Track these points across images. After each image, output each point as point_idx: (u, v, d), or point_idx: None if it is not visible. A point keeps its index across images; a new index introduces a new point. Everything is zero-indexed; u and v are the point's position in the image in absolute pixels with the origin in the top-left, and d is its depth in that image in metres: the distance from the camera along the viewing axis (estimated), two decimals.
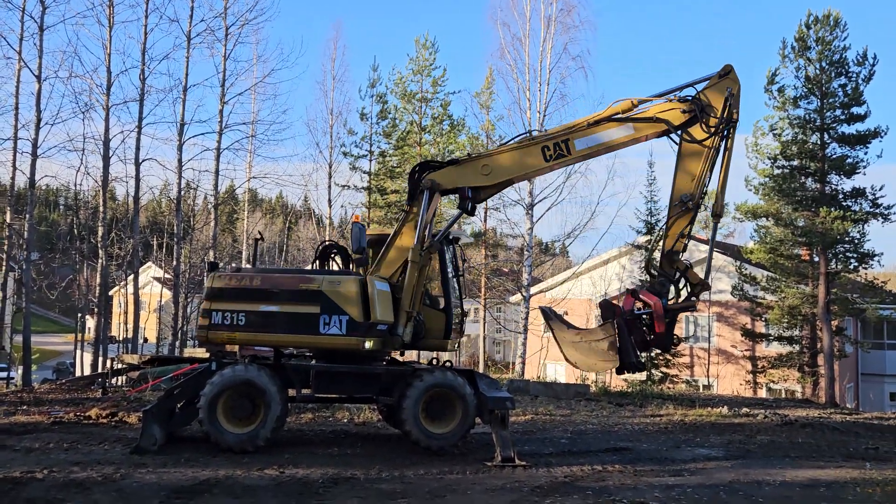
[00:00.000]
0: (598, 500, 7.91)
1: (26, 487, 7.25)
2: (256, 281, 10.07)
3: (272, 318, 9.87)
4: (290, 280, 10.16)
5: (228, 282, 10.12)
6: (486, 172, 10.37)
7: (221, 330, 9.97)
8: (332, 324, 9.78)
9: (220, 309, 9.99)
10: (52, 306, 71.98)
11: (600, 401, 18.43)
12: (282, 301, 9.90)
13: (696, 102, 9.99)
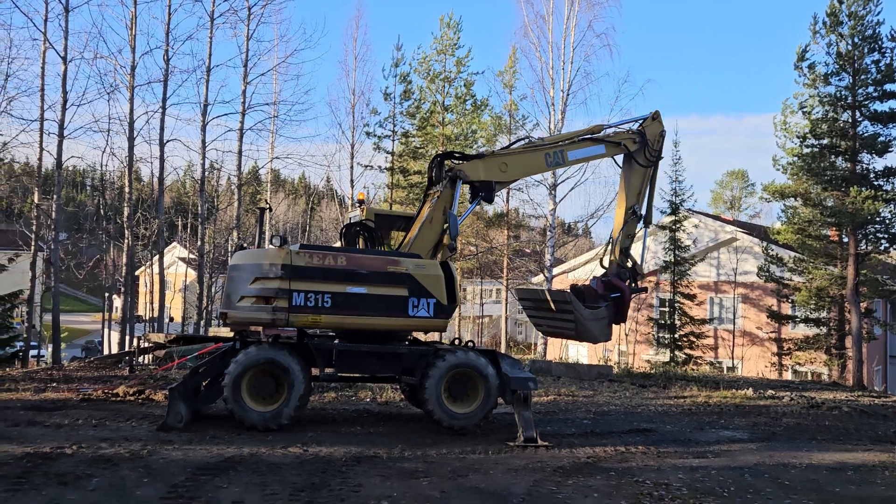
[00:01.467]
0: (622, 480, 7.87)
1: (56, 462, 7.37)
2: (342, 260, 9.86)
3: (360, 300, 9.83)
4: (377, 262, 10.09)
5: (310, 260, 9.73)
6: (504, 170, 11.32)
7: (305, 312, 9.62)
8: (420, 306, 10.12)
9: (302, 289, 9.63)
10: (80, 286, 73.27)
11: (623, 382, 18.34)
12: (370, 283, 9.89)
13: (641, 135, 12.27)
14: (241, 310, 9.75)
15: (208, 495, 6.43)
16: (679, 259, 31.14)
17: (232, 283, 10.11)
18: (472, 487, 7.27)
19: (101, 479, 6.80)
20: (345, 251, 10.24)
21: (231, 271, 10.30)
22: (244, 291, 9.73)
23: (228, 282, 10.40)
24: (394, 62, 33.90)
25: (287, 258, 9.63)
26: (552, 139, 12.09)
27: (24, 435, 8.77)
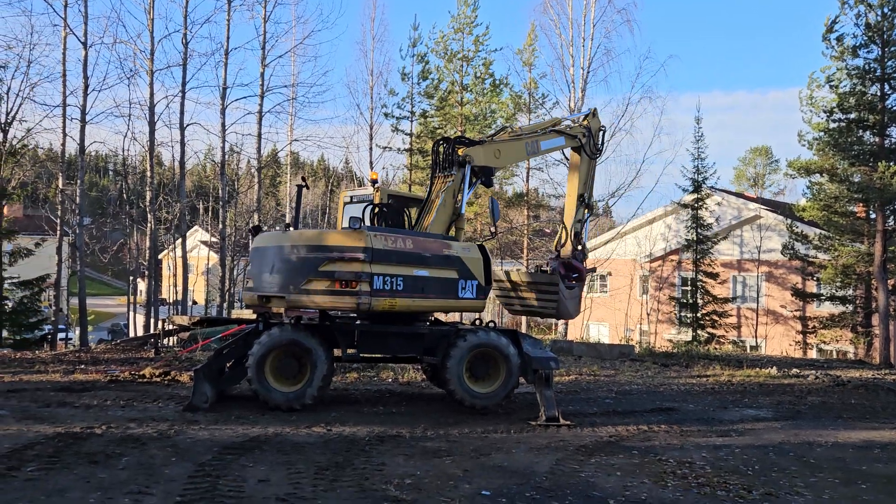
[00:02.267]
0: (644, 459, 7.86)
1: (86, 442, 7.51)
2: (409, 243, 9.87)
3: (425, 282, 9.91)
4: (435, 244, 10.17)
5: (387, 242, 9.60)
6: (497, 156, 11.49)
7: (384, 295, 9.44)
8: (466, 288, 10.30)
9: (381, 273, 9.41)
10: (105, 269, 74.33)
11: (645, 361, 18.29)
12: (431, 266, 9.98)
13: (588, 129, 12.76)
14: (311, 294, 9.44)
15: (235, 474, 6.52)
16: (701, 237, 30.83)
17: (285, 266, 9.66)
18: (494, 466, 7.30)
19: (131, 458, 6.92)
20: (409, 234, 10.23)
21: (279, 253, 9.80)
22: (311, 275, 9.40)
23: (278, 264, 9.79)
24: (411, 42, 33.73)
25: (368, 241, 9.42)
26: (528, 128, 12.44)
27: (54, 415, 8.95)
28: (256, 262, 10.30)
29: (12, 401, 9.92)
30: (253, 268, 10.46)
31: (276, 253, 9.89)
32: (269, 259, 9.96)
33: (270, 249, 10.02)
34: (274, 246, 10.00)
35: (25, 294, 24.24)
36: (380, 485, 6.40)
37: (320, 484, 6.35)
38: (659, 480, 7.02)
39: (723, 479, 7.13)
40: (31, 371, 13.28)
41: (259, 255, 10.25)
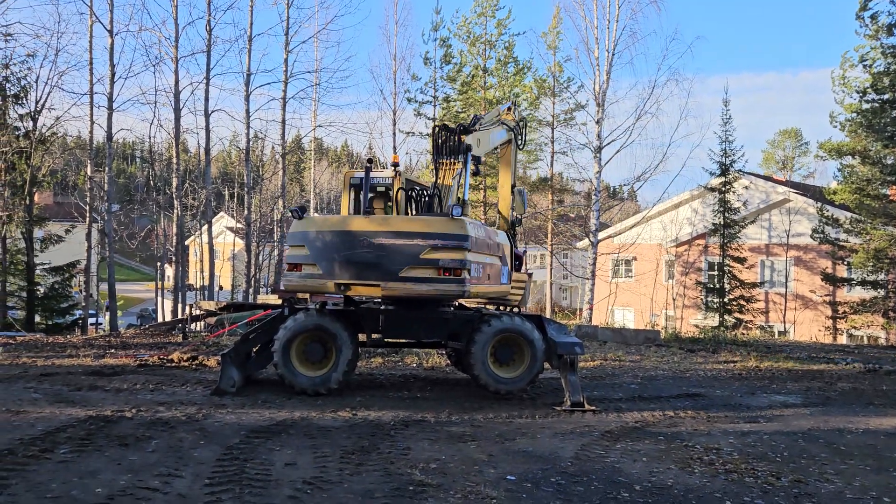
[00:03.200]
0: (671, 445, 7.80)
1: (117, 425, 7.64)
2: (482, 231, 10.04)
3: (491, 269, 10.12)
4: (490, 231, 10.45)
5: (476, 231, 9.63)
6: (478, 145, 11.24)
7: (475, 283, 9.44)
8: (503, 274, 10.60)
9: (474, 260, 9.39)
10: (134, 255, 75.48)
11: (671, 346, 18.15)
12: (491, 253, 10.22)
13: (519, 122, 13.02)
14: (412, 282, 9.23)
15: (262, 457, 6.59)
16: (729, 221, 30.40)
17: (378, 252, 9.31)
18: (519, 451, 7.30)
19: (160, 441, 7.03)
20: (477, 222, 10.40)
21: (366, 239, 9.40)
22: (412, 262, 9.20)
23: (367, 250, 9.39)
24: (433, 26, 33.54)
25: (467, 228, 9.33)
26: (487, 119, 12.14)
27: (86, 399, 9.12)
28: (323, 247, 9.53)
29: (45, 384, 10.12)
30: (318, 252, 9.54)
31: (362, 239, 9.41)
32: (349, 245, 9.41)
33: (351, 235, 9.46)
34: (357, 231, 9.48)
35: (56, 280, 24.74)
36: (405, 469, 6.43)
37: (346, 468, 6.39)
38: (685, 466, 6.97)
39: (750, 466, 7.05)
40: (63, 355, 13.54)
41: (329, 239, 9.54)
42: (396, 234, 9.34)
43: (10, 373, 11.13)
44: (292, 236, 9.87)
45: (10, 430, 7.21)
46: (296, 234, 9.80)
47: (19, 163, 23.17)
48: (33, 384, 10.12)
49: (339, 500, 5.55)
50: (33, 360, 12.68)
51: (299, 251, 9.69)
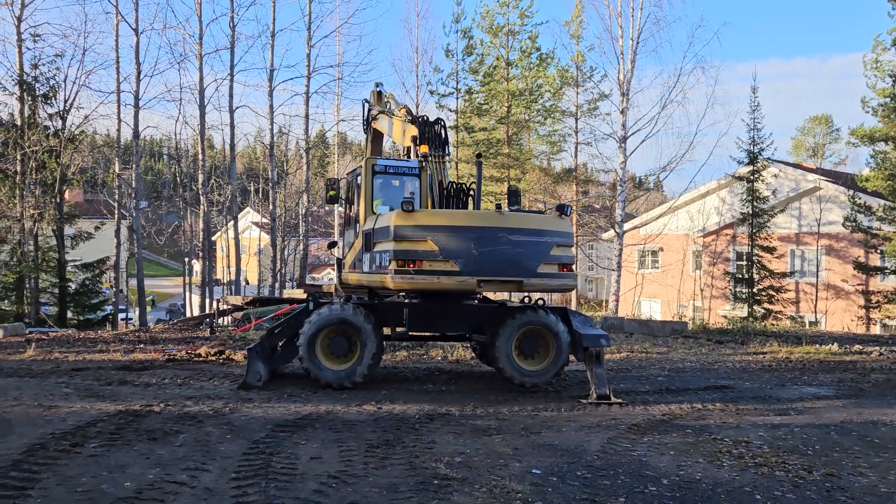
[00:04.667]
0: (699, 438, 7.69)
1: (146, 419, 7.74)
2: None
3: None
4: None
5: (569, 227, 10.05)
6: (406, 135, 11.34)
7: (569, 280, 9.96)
8: None
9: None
10: (162, 251, 76.46)
11: (699, 338, 17.93)
12: None
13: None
14: (543, 278, 9.54)
15: (288, 451, 6.62)
16: (757, 210, 29.92)
17: (517, 249, 9.37)
18: (545, 444, 7.25)
19: (188, 436, 7.10)
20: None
21: (506, 236, 9.37)
22: (544, 259, 9.47)
23: (508, 248, 9.35)
24: (455, 17, 33.42)
25: (564, 224, 9.83)
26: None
27: (116, 393, 9.25)
28: (459, 243, 9.26)
29: (77, 379, 10.29)
30: (453, 248, 9.24)
31: (501, 235, 9.39)
32: (490, 241, 9.31)
33: (490, 231, 9.38)
34: (496, 227, 9.45)
35: (87, 276, 25.15)
36: (430, 463, 6.42)
37: (371, 461, 6.40)
38: (714, 460, 6.87)
39: (781, 459, 6.93)
40: (94, 350, 13.76)
41: (467, 234, 9.32)
42: (531, 232, 9.56)
43: (42, 368, 11.33)
44: (405, 229, 9.20)
45: (43, 425, 7.34)
46: (412, 227, 9.21)
47: (49, 161, 23.57)
48: (65, 379, 10.29)
49: (364, 494, 5.55)
50: (65, 356, 12.91)
51: (420, 246, 9.16)
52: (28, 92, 23.70)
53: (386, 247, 9.41)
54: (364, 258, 10.41)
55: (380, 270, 9.64)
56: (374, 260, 9.95)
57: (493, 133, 34.23)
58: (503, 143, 34.01)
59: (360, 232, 10.74)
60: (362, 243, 10.56)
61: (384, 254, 9.48)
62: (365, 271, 10.37)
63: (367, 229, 10.32)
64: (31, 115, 23.83)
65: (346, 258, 11.56)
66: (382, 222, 9.72)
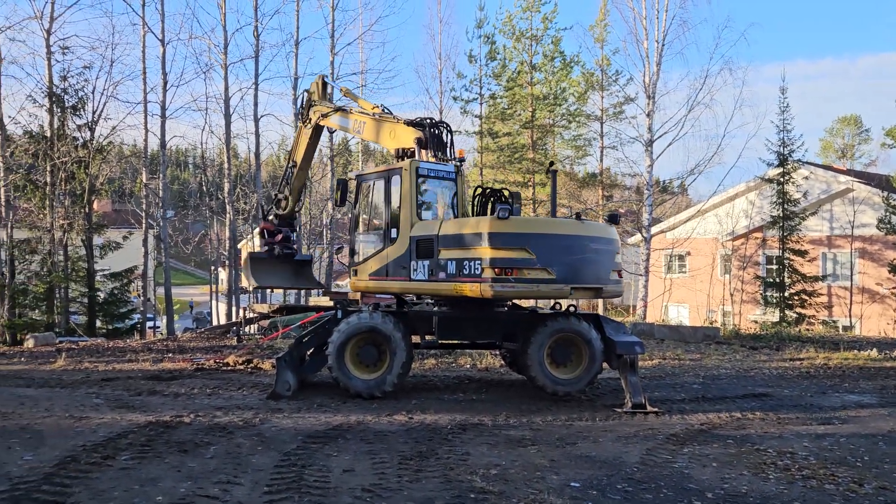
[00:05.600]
0: (741, 449, 7.44)
1: (176, 431, 7.68)
2: None
3: None
4: None
5: None
6: None
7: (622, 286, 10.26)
8: None
9: None
10: (188, 260, 77.23)
11: (732, 344, 17.57)
12: None
13: None
14: (612, 284, 9.82)
15: (320, 464, 6.50)
16: (788, 213, 29.35)
17: (598, 257, 9.59)
18: (581, 456, 7.05)
19: (218, 447, 7.01)
20: None
21: (575, 241, 9.47)
22: (612, 266, 9.87)
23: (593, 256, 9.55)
24: (477, 23, 33.32)
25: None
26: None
27: (146, 404, 9.22)
28: (554, 251, 9.26)
29: (107, 389, 10.29)
30: (549, 256, 9.21)
31: (586, 243, 9.57)
32: (578, 248, 9.44)
33: (578, 239, 9.50)
34: (582, 235, 9.58)
35: (116, 285, 25.35)
36: (465, 475, 6.26)
37: (405, 474, 6.25)
38: (759, 472, 6.62)
39: (830, 471, 6.66)
40: (123, 360, 13.80)
41: (560, 242, 9.36)
42: (605, 241, 9.84)
43: (73, 378, 11.36)
44: (501, 237, 9.10)
45: (74, 437, 7.30)
46: (507, 234, 9.12)
47: (78, 172, 23.81)
48: (95, 389, 10.30)
49: None
50: (95, 365, 12.95)
51: (517, 253, 9.06)
52: (57, 104, 24.00)
53: (470, 254, 9.24)
54: (417, 265, 9.91)
55: (456, 278, 9.35)
56: (438, 267, 9.57)
57: (517, 138, 34.03)
58: (527, 148, 33.81)
59: (403, 238, 10.13)
60: (409, 249, 10.03)
61: (469, 261, 9.22)
62: (418, 279, 9.89)
63: (423, 235, 9.91)
64: (61, 126, 24.11)
65: (366, 264, 10.75)
66: (459, 228, 9.55)
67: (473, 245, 9.21)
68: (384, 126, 11.43)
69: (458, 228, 9.59)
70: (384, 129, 11.43)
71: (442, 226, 9.77)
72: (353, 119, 12.15)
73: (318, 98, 13.08)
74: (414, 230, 10.06)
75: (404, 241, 10.13)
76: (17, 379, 11.33)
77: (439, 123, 11.11)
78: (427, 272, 9.76)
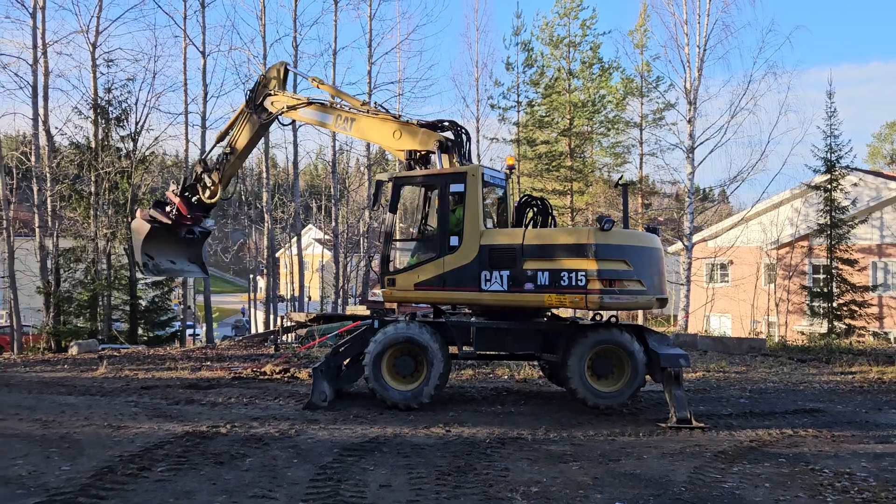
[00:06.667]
0: (794, 468, 7.09)
1: (212, 441, 7.63)
2: None
3: None
4: None
5: None
6: None
7: None
8: None
9: None
10: (228, 268, 78.30)
11: (778, 356, 16.99)
12: None
13: None
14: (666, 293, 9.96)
15: (356, 478, 6.37)
16: (836, 221, 28.46)
17: (660, 266, 9.93)
18: (626, 473, 6.79)
19: (254, 459, 6.92)
20: None
21: (654, 254, 9.81)
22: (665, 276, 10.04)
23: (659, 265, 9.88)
24: (514, 30, 33.19)
25: None
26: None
27: (183, 413, 9.21)
28: (644, 262, 9.46)
29: (145, 397, 10.34)
30: (641, 268, 9.41)
31: (660, 255, 10.03)
32: (659, 259, 9.95)
33: (658, 251, 9.97)
34: (656, 248, 9.95)
35: (157, 293, 25.73)
36: (505, 492, 6.06)
37: (443, 490, 6.08)
38: (816, 494, 6.27)
39: (893, 494, 6.27)
40: (162, 367, 13.91)
41: (647, 254, 9.62)
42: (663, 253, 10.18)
43: (113, 386, 11.46)
44: (605, 248, 9.18)
45: (112, 446, 7.30)
46: (610, 246, 9.21)
47: (122, 182, 24.27)
48: (134, 398, 10.35)
49: None
50: (135, 373, 13.06)
51: (618, 265, 9.19)
52: (102, 115, 24.52)
53: (568, 265, 9.20)
54: (491, 276, 9.52)
55: (548, 290, 9.24)
56: (523, 278, 9.33)
57: (555, 146, 33.73)
58: (566, 155, 33.48)
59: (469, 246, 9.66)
60: (478, 259, 9.58)
61: (568, 273, 9.17)
62: (492, 289, 9.51)
63: (500, 244, 9.59)
64: (105, 137, 24.63)
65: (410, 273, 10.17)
66: (550, 238, 9.58)
67: (573, 256, 9.19)
68: (386, 125, 10.89)
69: (548, 238, 9.59)
70: (385, 128, 10.88)
71: (526, 235, 9.57)
72: (336, 115, 11.46)
73: (279, 87, 12.26)
74: (484, 239, 9.65)
75: (470, 249, 9.64)
76: (60, 386, 11.47)
77: (458, 126, 10.80)
78: (506, 283, 9.44)
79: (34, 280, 23.95)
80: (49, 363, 15.21)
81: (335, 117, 11.52)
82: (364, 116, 11.21)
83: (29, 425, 8.36)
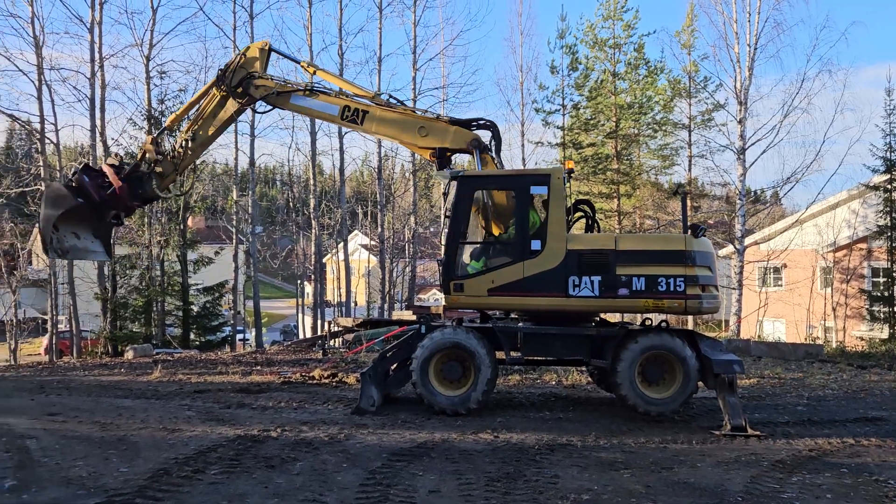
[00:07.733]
0: (857, 479, 6.82)
1: (263, 445, 7.73)
2: None
3: None
4: None
5: None
6: None
7: None
8: None
9: None
10: (276, 274, 79.58)
11: (837, 362, 16.44)
12: None
13: None
14: None
15: (405, 483, 6.37)
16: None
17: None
18: (679, 482, 6.63)
19: (304, 464, 6.99)
20: None
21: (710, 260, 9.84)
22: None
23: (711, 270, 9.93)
24: (559, 34, 33.01)
25: None
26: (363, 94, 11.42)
27: (234, 417, 9.36)
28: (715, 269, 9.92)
29: (198, 401, 10.54)
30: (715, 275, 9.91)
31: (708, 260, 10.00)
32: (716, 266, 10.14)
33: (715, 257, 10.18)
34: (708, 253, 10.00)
35: (208, 299, 26.31)
36: (555, 500, 5.98)
37: (493, 497, 6.03)
38: None
39: None
40: (214, 372, 14.18)
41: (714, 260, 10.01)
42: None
43: (167, 390, 11.73)
44: (701, 256, 9.53)
45: (167, 449, 7.46)
46: (701, 253, 9.57)
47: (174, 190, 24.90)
48: (187, 401, 10.56)
49: None
50: (188, 377, 13.35)
51: (706, 271, 9.56)
52: (155, 126, 25.21)
53: (666, 271, 9.38)
54: (581, 281, 9.39)
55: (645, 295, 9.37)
56: (617, 283, 9.32)
57: (601, 148, 33.38)
58: (612, 158, 33.08)
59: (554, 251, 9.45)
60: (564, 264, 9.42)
61: (665, 278, 9.34)
62: (582, 295, 9.40)
63: (590, 249, 9.53)
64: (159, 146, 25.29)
65: (482, 278, 9.69)
66: (645, 244, 9.97)
67: (669, 261, 9.41)
68: (407, 120, 10.45)
69: (642, 244, 9.88)
70: (406, 124, 10.41)
71: (618, 241, 9.66)
72: (343, 105, 10.59)
73: (262, 70, 11.11)
74: (571, 243, 9.52)
75: (556, 254, 9.45)
76: (117, 389, 11.79)
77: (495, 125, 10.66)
78: (598, 288, 9.40)
79: (92, 286, 24.77)
80: (106, 367, 15.67)
81: (342, 108, 10.66)
82: (379, 109, 10.56)
83: (88, 427, 8.60)
